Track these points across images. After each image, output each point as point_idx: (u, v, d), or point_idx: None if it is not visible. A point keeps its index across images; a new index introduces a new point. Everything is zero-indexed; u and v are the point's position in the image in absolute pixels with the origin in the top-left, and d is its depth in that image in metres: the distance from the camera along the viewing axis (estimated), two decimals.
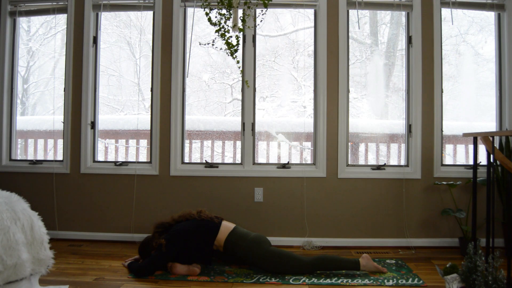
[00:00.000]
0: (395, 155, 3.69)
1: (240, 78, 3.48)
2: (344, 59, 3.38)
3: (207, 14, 3.07)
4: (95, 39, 3.52)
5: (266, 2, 3.06)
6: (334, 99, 3.38)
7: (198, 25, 3.69)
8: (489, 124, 3.55)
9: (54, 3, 3.55)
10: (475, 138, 2.69)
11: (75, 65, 3.47)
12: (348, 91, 3.43)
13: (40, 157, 3.86)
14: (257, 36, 3.46)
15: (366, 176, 3.36)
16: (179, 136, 3.45)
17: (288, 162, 3.43)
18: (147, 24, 3.77)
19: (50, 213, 3.44)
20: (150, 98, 3.50)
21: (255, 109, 3.46)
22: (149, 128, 3.49)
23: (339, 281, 2.44)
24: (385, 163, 3.51)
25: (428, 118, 3.37)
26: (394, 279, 2.48)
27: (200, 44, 3.36)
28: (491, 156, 2.48)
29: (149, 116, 3.49)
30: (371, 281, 2.46)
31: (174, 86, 3.42)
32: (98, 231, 3.43)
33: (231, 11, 3.04)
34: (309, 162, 3.55)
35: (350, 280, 2.45)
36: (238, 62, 3.22)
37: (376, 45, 3.89)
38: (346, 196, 3.36)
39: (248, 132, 3.43)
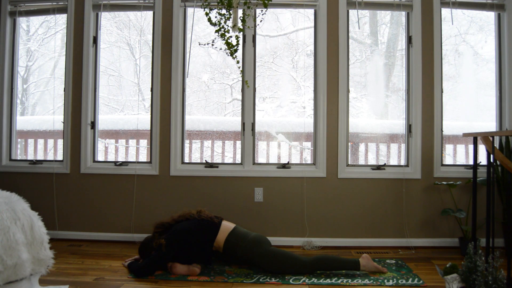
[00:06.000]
0: (395, 155, 3.69)
1: (240, 78, 3.48)
2: (344, 59, 3.38)
3: (207, 14, 3.07)
4: (95, 39, 3.52)
5: (266, 2, 3.06)
6: (334, 99, 3.38)
7: (198, 25, 3.69)
8: (489, 124, 3.55)
9: (54, 3, 3.55)
10: (475, 138, 2.69)
11: (75, 65, 3.47)
12: (348, 91, 3.43)
13: (40, 157, 3.85)
14: (257, 36, 3.46)
15: (366, 176, 3.36)
16: (179, 136, 3.45)
17: (288, 162, 3.43)
18: (146, 24, 3.77)
19: (50, 213, 3.44)
20: (150, 98, 3.50)
21: (255, 109, 3.46)
22: (149, 128, 3.49)
23: (339, 281, 2.44)
24: (385, 163, 3.51)
25: (428, 118, 3.37)
26: (394, 279, 2.48)
27: (200, 44, 3.36)
28: (491, 156, 2.48)
29: (149, 116, 3.49)
30: (371, 281, 2.46)
31: (174, 86, 3.42)
32: (98, 231, 3.43)
33: (231, 11, 3.04)
34: (309, 162, 3.55)
35: (350, 280, 2.45)
36: (238, 62, 3.22)
37: (376, 45, 3.89)
38: (346, 196, 3.36)
39: (248, 132, 3.43)
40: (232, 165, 3.47)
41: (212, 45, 3.20)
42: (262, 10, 3.30)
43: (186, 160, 3.54)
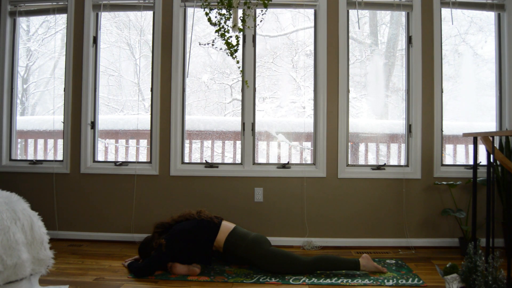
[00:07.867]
0: (395, 155, 3.69)
1: (240, 78, 3.48)
2: (344, 59, 3.38)
3: (207, 14, 3.07)
4: (95, 39, 3.52)
5: (266, 2, 3.06)
6: (334, 99, 3.38)
7: (198, 25, 3.69)
8: (489, 124, 3.55)
9: (54, 3, 3.55)
10: (475, 138, 2.69)
11: (75, 65, 3.47)
12: (348, 91, 3.43)
13: (40, 157, 3.85)
14: (257, 36, 3.46)
15: (366, 176, 3.36)
16: (179, 136, 3.45)
17: (288, 162, 3.43)
18: (146, 24, 3.77)
19: (50, 213, 3.44)
20: (150, 98, 3.50)
21: (255, 109, 3.46)
22: (149, 128, 3.49)
23: (339, 281, 2.44)
24: (385, 163, 3.51)
25: (428, 118, 3.37)
26: (394, 279, 2.48)
27: (200, 44, 3.36)
28: (491, 156, 2.48)
29: (149, 116, 3.49)
30: (371, 281, 2.46)
31: (174, 86, 3.42)
32: (98, 231, 3.43)
33: (231, 11, 3.04)
34: (309, 162, 3.55)
35: (350, 280, 2.45)
36: (238, 62, 3.22)
37: (376, 45, 3.89)
38: (346, 196, 3.36)
39: (248, 132, 3.43)
40: (232, 165, 3.47)
41: (213, 45, 3.20)
42: (262, 10, 3.30)
43: (186, 160, 3.54)
